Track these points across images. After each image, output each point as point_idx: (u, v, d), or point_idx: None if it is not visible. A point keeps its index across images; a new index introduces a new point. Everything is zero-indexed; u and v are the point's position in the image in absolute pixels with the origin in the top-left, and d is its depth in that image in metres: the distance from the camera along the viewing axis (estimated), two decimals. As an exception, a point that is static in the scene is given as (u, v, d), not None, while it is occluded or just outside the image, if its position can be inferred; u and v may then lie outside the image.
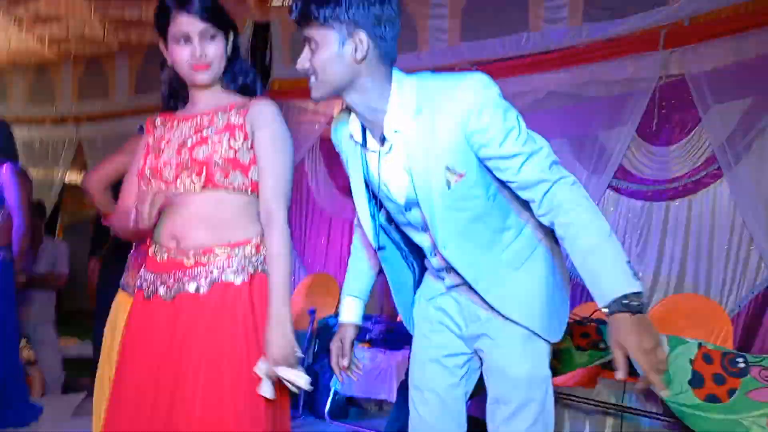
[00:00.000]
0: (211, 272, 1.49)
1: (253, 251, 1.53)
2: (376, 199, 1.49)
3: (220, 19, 1.56)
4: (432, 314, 1.60)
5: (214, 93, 1.60)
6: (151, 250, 1.57)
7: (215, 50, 1.54)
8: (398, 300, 1.65)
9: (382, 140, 1.39)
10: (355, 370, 1.71)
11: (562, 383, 2.84)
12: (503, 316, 1.46)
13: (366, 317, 3.87)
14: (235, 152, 1.50)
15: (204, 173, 1.49)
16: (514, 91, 3.84)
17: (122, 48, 5.86)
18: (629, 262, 1.30)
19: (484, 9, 4.02)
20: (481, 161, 1.37)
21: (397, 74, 1.36)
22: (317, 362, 3.90)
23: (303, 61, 1.35)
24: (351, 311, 1.72)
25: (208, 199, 1.50)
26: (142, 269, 1.60)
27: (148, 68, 5.88)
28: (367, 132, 1.43)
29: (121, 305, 2.09)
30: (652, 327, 1.24)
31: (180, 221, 1.50)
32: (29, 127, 6.67)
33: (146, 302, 1.54)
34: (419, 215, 1.44)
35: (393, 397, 3.47)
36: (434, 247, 1.47)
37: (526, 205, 1.42)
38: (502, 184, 1.41)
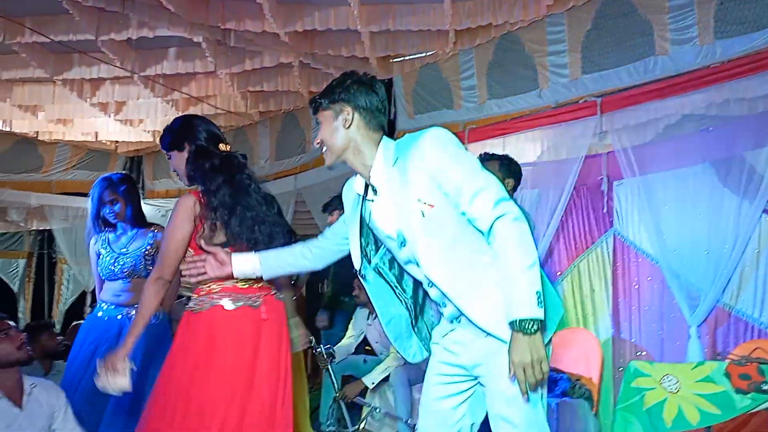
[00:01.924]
0: None
1: None
2: (376, 243, 1.87)
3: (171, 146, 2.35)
4: (440, 355, 1.85)
5: None
6: None
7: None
8: (389, 330, 1.89)
9: (374, 190, 1.81)
10: None
11: (730, 432, 2.57)
12: (493, 336, 1.67)
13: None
14: None
15: None
16: (645, 118, 3.67)
17: (262, 117, 6.37)
18: (539, 293, 1.58)
19: (605, 38, 3.92)
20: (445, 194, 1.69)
21: (384, 139, 1.80)
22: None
23: (317, 138, 1.85)
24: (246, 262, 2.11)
25: None
26: None
27: (284, 135, 6.34)
28: (368, 186, 1.84)
29: None
30: (541, 348, 1.57)
31: None
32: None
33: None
34: (411, 249, 1.74)
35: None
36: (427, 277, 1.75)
37: None
38: None
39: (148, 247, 3.17)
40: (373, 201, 1.83)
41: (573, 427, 3.38)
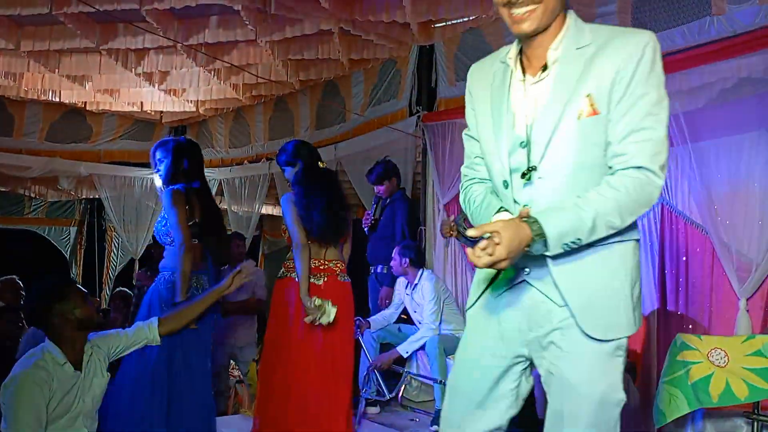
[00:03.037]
0: None
1: None
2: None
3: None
4: (493, 310, 1.63)
5: None
6: None
7: None
8: None
9: (534, 72, 1.55)
10: None
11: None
12: (578, 325, 1.47)
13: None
14: None
15: None
16: (699, 83, 3.50)
17: (303, 86, 6.36)
18: (578, 241, 1.42)
19: (656, -1, 3.74)
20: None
21: (572, 14, 1.54)
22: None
23: None
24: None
25: None
26: None
27: (325, 103, 6.33)
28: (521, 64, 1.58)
29: None
30: (518, 254, 1.39)
31: None
32: (231, 168, 7.49)
33: None
34: (531, 152, 1.51)
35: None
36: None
37: None
38: None
39: None
40: (524, 80, 1.55)
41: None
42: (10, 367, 2.74)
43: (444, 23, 4.92)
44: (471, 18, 4.73)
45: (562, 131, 1.47)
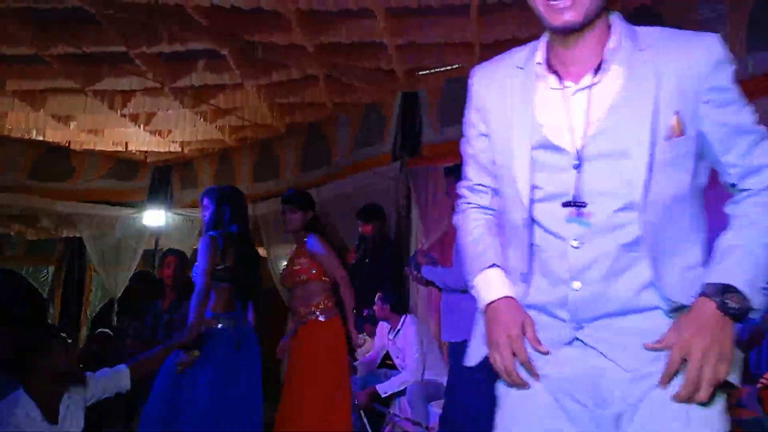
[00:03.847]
0: None
1: None
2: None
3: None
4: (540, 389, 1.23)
5: None
6: None
7: None
8: None
9: (577, 78, 1.22)
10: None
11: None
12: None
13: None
14: None
15: None
16: None
17: (288, 129, 6.41)
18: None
19: None
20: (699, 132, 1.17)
21: (614, 13, 1.24)
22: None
23: None
24: (503, 283, 1.30)
25: None
26: None
27: (309, 146, 6.37)
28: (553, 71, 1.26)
29: None
30: (731, 340, 1.07)
31: None
32: (215, 208, 7.44)
33: None
34: (587, 175, 1.18)
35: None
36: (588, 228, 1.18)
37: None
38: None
39: None
40: (562, 89, 1.23)
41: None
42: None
43: (428, 71, 5.03)
44: (455, 67, 4.83)
45: (648, 153, 1.15)
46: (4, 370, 2.52)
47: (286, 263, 3.66)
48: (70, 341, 2.54)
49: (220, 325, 3.26)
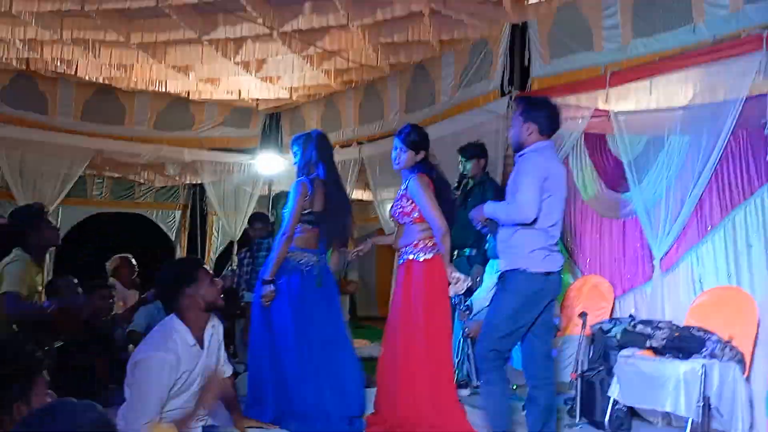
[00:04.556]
0: None
1: None
2: None
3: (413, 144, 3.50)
4: None
5: None
6: None
7: None
8: None
9: None
10: None
11: None
12: None
13: (646, 322, 3.61)
14: None
15: None
16: None
17: (393, 70, 6.37)
18: None
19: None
20: None
21: None
22: (592, 369, 3.71)
23: None
24: None
25: None
26: None
27: (415, 87, 6.30)
28: None
29: None
30: None
31: None
32: (323, 153, 7.62)
33: None
34: None
35: (681, 410, 3.12)
36: None
37: None
38: None
39: None
40: None
41: (721, 392, 3.13)
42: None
43: (537, 0, 4.77)
44: (567, -8, 4.55)
45: None
46: (163, 301, 2.77)
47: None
48: (213, 274, 2.76)
49: (301, 260, 3.49)
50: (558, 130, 3.17)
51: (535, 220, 2.92)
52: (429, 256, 3.46)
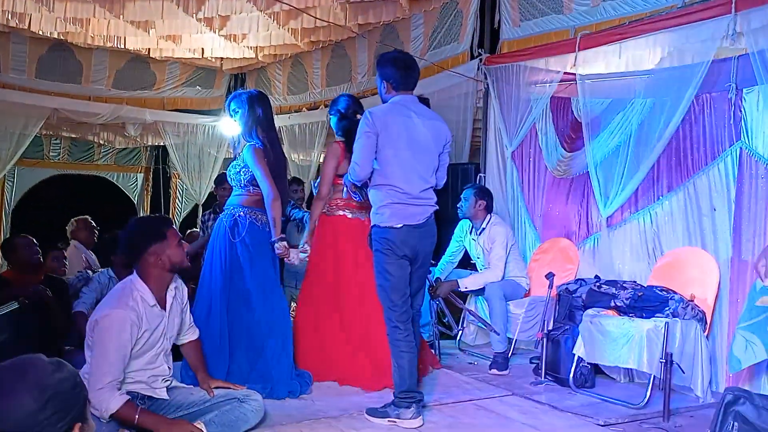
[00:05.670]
0: None
1: None
2: None
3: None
4: None
5: None
6: None
7: None
8: None
9: None
10: None
11: None
12: None
13: (611, 282, 3.68)
14: None
15: None
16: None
17: (361, 30, 6.25)
18: None
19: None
20: None
21: None
22: (558, 329, 3.78)
23: None
24: None
25: None
26: None
27: (384, 48, 6.20)
28: None
29: None
30: None
31: None
32: (289, 116, 7.51)
33: None
34: None
35: (644, 367, 3.22)
36: None
37: None
38: None
39: None
40: None
41: (683, 349, 3.23)
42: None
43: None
44: (539, -48, 4.49)
45: None
46: (125, 253, 2.67)
47: None
48: (181, 235, 2.67)
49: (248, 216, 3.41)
50: (415, 85, 3.05)
51: (383, 177, 2.90)
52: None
